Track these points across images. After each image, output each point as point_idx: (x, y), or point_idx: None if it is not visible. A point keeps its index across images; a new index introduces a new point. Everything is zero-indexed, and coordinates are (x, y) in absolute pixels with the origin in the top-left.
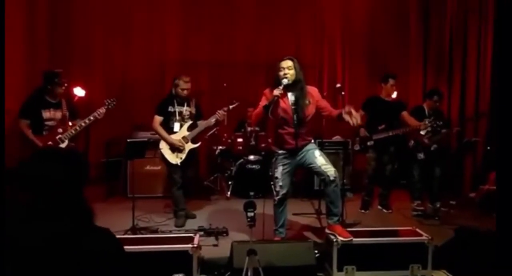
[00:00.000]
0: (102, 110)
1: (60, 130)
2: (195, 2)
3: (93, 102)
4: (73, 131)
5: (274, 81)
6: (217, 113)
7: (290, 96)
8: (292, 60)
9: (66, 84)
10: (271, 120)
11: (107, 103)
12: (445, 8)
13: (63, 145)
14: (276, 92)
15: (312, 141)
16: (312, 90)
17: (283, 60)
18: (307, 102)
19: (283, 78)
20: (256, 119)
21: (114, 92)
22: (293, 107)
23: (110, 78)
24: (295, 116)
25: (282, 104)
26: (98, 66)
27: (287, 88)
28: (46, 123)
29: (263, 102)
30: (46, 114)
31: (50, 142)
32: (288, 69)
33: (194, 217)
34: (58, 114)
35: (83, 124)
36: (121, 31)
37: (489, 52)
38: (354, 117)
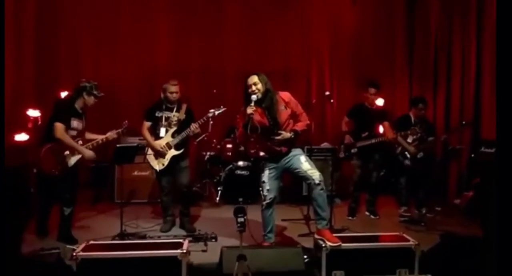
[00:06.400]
0: (119, 132)
1: (80, 142)
2: (184, 10)
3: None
4: (90, 146)
5: (244, 99)
6: (191, 125)
7: (264, 108)
8: (257, 74)
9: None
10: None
11: (123, 127)
12: (430, 19)
13: (76, 157)
14: (249, 110)
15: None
16: (284, 95)
17: (248, 76)
18: (282, 108)
19: (252, 95)
20: (240, 139)
21: (103, 98)
22: (268, 117)
23: (98, 84)
24: (272, 125)
25: (257, 117)
26: (87, 72)
27: (259, 102)
28: (70, 131)
29: (242, 121)
30: (73, 123)
31: (67, 152)
32: (254, 85)
33: (193, 231)
34: (80, 125)
35: (100, 141)
36: (109, 38)
37: (473, 61)
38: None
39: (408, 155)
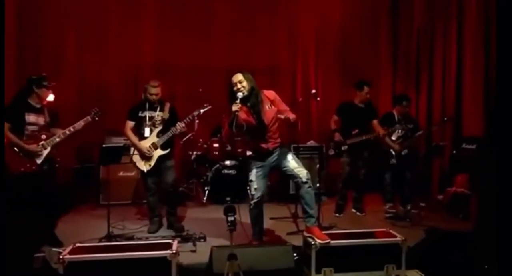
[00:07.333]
0: (88, 119)
1: (43, 136)
2: (171, 8)
3: (65, 107)
4: (57, 138)
5: (229, 97)
6: (178, 124)
7: (249, 106)
8: (242, 72)
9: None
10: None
11: (93, 113)
12: (413, 18)
13: (45, 152)
14: (235, 107)
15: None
16: (269, 93)
17: (233, 75)
18: (267, 107)
19: (238, 93)
20: (227, 138)
21: (87, 97)
22: (253, 115)
23: (83, 83)
24: (258, 123)
25: (243, 116)
26: (71, 70)
27: (244, 100)
28: (28, 127)
29: (228, 120)
30: (29, 118)
31: (33, 146)
32: (239, 83)
33: (181, 230)
34: (41, 120)
35: (67, 132)
36: (95, 35)
37: (454, 60)
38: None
39: (393, 153)
